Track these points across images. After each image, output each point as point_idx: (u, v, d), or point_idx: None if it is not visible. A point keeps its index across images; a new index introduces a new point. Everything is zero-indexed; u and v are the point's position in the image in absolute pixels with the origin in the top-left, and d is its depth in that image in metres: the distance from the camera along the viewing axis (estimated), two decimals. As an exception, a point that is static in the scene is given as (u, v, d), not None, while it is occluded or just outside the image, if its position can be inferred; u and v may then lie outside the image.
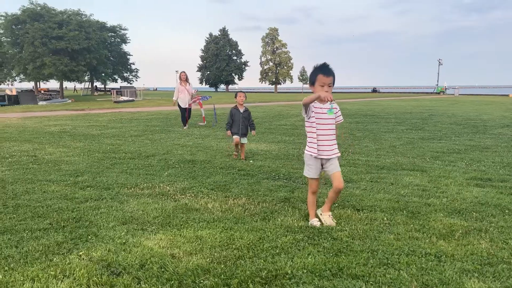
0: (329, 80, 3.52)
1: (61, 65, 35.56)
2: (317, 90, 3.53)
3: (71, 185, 5.27)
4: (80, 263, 2.90)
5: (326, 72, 3.52)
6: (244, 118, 7.02)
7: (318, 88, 3.53)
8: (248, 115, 7.13)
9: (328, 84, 3.53)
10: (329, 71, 3.54)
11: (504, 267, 2.87)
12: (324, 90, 3.50)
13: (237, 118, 6.99)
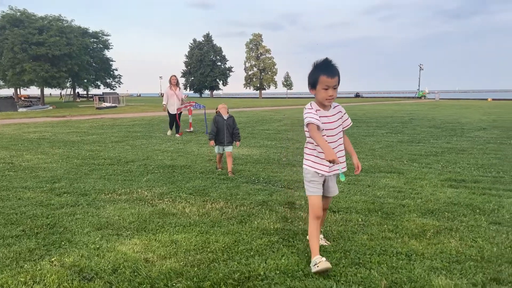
0: (334, 81, 2.87)
1: (42, 71, 35.06)
2: (320, 95, 2.91)
3: (47, 191, 5.20)
4: (51, 269, 2.87)
5: (330, 72, 2.86)
6: (228, 125, 6.43)
7: (321, 92, 2.89)
8: (233, 122, 6.50)
9: (333, 86, 2.88)
10: (334, 70, 2.88)
11: (471, 264, 2.95)
12: (328, 95, 2.87)
13: (221, 125, 6.38)
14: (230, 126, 6.45)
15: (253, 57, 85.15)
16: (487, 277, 2.75)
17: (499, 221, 3.94)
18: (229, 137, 6.45)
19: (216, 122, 6.39)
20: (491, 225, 3.83)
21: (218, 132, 6.39)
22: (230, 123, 6.46)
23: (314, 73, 2.92)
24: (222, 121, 6.39)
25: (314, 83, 2.92)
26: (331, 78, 2.84)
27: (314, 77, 2.91)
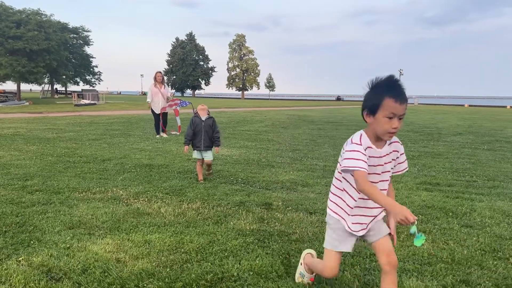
0: (403, 109, 2.04)
1: (19, 66, 34.14)
2: (380, 125, 2.06)
3: (18, 189, 5.06)
4: (17, 269, 2.78)
5: (399, 95, 2.03)
6: (207, 127, 5.77)
7: (383, 122, 2.05)
8: (213, 123, 5.82)
9: (400, 115, 2.04)
10: (403, 93, 2.05)
11: (442, 266, 3.00)
12: (392, 126, 2.04)
13: (199, 127, 5.73)
14: (210, 128, 5.79)
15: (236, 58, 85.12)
16: (456, 279, 2.80)
17: (471, 224, 4.02)
18: (207, 140, 5.76)
19: (193, 124, 5.74)
20: (462, 228, 3.90)
21: (195, 135, 5.76)
22: (209, 125, 5.78)
23: (375, 93, 2.08)
24: (199, 123, 5.76)
25: (373, 107, 2.07)
26: (400, 104, 2.01)
27: (375, 100, 2.06)
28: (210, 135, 5.78)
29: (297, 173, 6.42)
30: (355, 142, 2.12)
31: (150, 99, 11.52)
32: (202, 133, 5.74)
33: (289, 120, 18.57)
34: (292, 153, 8.55)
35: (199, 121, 5.77)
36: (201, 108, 5.86)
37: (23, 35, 33.72)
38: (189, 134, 5.74)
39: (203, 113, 5.82)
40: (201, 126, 5.74)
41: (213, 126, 5.82)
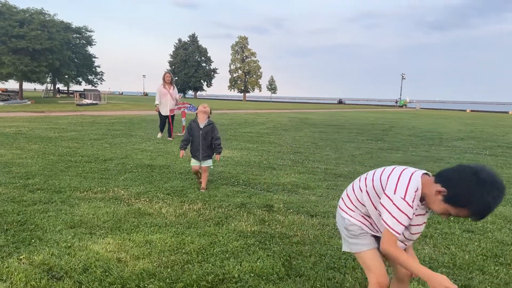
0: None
1: (21, 65, 34.20)
2: (441, 208, 1.84)
3: (20, 187, 5.06)
4: (19, 267, 2.78)
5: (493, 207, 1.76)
6: (204, 135, 5.20)
7: (445, 210, 1.83)
8: (212, 130, 5.23)
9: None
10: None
11: (443, 271, 2.99)
12: (448, 215, 1.87)
13: (196, 134, 5.22)
14: (208, 135, 5.22)
15: (238, 60, 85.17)
16: (458, 284, 2.79)
17: (472, 229, 4.01)
18: (206, 149, 5.24)
19: (190, 129, 5.28)
20: (464, 233, 3.90)
21: (192, 141, 5.30)
22: (207, 132, 5.20)
23: (475, 193, 1.72)
24: (197, 130, 5.20)
25: (459, 202, 1.78)
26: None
27: (468, 198, 1.74)
28: (209, 143, 5.24)
29: (298, 175, 6.42)
30: (408, 201, 1.83)
31: (158, 101, 10.94)
32: (200, 142, 5.19)
33: (291, 123, 18.58)
34: (293, 155, 8.55)
35: (196, 128, 5.21)
36: (202, 111, 5.23)
37: (26, 34, 33.79)
38: (186, 139, 5.25)
39: (203, 118, 5.23)
40: (198, 134, 5.19)
41: (213, 133, 5.23)
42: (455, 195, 1.78)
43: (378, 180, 1.99)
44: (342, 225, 2.20)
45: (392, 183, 1.90)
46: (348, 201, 2.20)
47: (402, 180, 1.89)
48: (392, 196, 1.86)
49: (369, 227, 2.14)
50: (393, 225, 1.85)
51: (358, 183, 2.15)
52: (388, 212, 1.86)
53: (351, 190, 2.19)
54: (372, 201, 2.04)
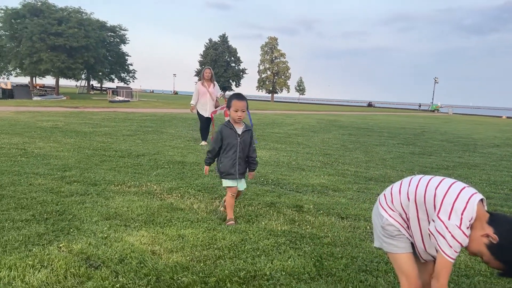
0: None
1: (58, 62, 35.45)
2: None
3: (58, 179, 5.25)
4: (59, 255, 2.89)
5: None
6: (243, 145, 3.85)
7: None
8: (250, 138, 3.92)
9: None
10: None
11: (480, 279, 2.91)
12: None
13: (231, 144, 3.82)
14: (246, 146, 3.87)
15: (268, 60, 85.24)
16: (496, 293, 2.71)
17: (510, 238, 3.87)
18: (243, 165, 3.90)
19: (224, 138, 3.82)
20: (501, 242, 3.76)
21: (225, 153, 3.84)
22: (245, 141, 3.85)
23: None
24: (233, 137, 3.79)
25: (500, 255, 1.79)
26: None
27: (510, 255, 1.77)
28: (245, 155, 3.90)
29: (327, 177, 6.37)
30: (463, 230, 1.78)
31: (194, 101, 9.47)
32: (237, 154, 3.80)
33: (319, 124, 18.45)
34: (322, 157, 8.49)
35: (233, 135, 3.79)
36: (237, 108, 3.71)
37: (64, 32, 34.99)
38: (214, 150, 3.89)
39: (238, 123, 3.83)
40: (235, 142, 3.79)
41: (251, 143, 3.92)
42: (501, 247, 1.74)
43: (432, 196, 1.91)
44: (379, 223, 2.15)
45: (447, 204, 1.83)
46: (390, 200, 2.14)
47: (458, 203, 1.81)
48: (447, 222, 1.80)
49: (407, 230, 2.09)
50: (450, 253, 1.79)
51: (407, 188, 2.07)
52: (444, 238, 1.79)
53: (397, 190, 2.13)
54: (419, 213, 1.99)
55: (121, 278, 2.61)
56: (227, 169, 3.82)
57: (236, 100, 3.72)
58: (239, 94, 3.85)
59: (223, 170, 3.84)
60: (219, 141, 3.85)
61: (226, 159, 3.82)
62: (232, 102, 3.72)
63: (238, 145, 3.80)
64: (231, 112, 3.75)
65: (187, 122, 15.43)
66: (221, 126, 3.86)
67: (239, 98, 3.75)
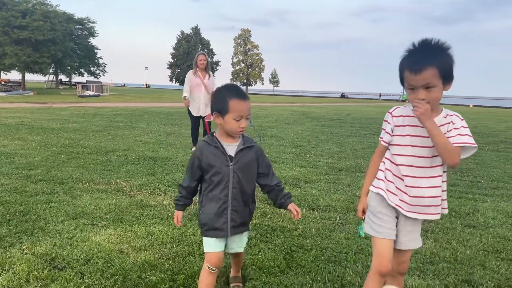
0: (416, 80, 1.84)
1: (24, 56, 34.22)
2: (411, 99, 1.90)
3: (22, 178, 5.07)
4: (21, 257, 2.80)
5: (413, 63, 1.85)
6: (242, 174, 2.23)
7: (412, 97, 1.89)
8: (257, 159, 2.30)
9: (425, 85, 1.83)
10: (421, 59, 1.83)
11: (444, 265, 2.99)
12: (417, 98, 1.85)
13: (221, 172, 2.20)
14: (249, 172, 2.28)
15: (241, 52, 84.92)
16: (459, 278, 2.80)
17: (474, 224, 4.01)
18: (241, 211, 2.28)
19: (204, 164, 2.22)
20: (465, 228, 3.90)
21: (207, 192, 2.25)
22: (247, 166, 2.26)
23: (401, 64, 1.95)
24: (221, 162, 2.20)
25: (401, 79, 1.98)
26: (415, 74, 1.84)
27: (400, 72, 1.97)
28: (250, 191, 2.30)
29: (300, 169, 6.42)
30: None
31: (187, 93, 7.64)
32: (230, 192, 2.22)
33: (293, 116, 18.55)
34: (295, 149, 8.54)
35: (221, 159, 2.21)
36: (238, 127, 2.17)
37: (29, 25, 33.75)
38: (189, 187, 2.32)
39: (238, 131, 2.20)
40: (225, 172, 2.20)
41: (260, 166, 2.33)
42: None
43: None
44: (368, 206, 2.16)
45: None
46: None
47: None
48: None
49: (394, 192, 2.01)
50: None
51: None
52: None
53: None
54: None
55: (87, 279, 2.55)
56: (210, 220, 2.21)
57: (237, 100, 2.12)
58: (238, 90, 2.19)
59: (204, 220, 2.23)
60: (196, 169, 2.22)
61: (209, 202, 2.21)
62: (230, 104, 2.11)
63: (231, 176, 2.17)
64: (228, 121, 2.12)
65: (159, 116, 15.21)
66: (199, 144, 2.25)
67: (241, 96, 2.14)
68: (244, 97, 2.16)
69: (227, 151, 2.19)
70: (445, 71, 1.83)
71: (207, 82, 7.63)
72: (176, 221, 2.36)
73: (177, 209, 2.36)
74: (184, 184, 2.31)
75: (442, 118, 1.92)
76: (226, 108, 2.12)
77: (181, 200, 2.34)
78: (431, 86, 1.82)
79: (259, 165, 2.30)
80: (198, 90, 7.63)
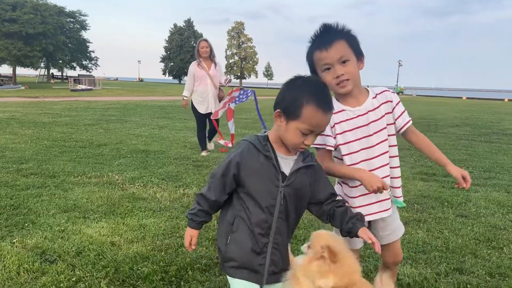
0: (329, 55, 1.73)
1: (14, 50, 33.87)
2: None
3: (13, 172, 5.02)
4: (12, 250, 2.77)
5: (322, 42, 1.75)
6: (295, 198, 1.61)
7: (329, 77, 1.77)
8: (314, 178, 1.68)
9: (339, 59, 1.73)
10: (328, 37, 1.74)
11: (436, 254, 3.01)
12: (336, 74, 1.74)
13: (268, 192, 1.57)
14: (301, 199, 1.65)
15: (235, 45, 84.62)
16: (450, 267, 2.81)
17: (466, 214, 4.03)
18: (285, 254, 1.66)
19: (243, 174, 1.58)
20: (457, 217, 3.92)
21: (242, 213, 1.59)
22: (301, 188, 1.63)
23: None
24: (270, 179, 1.58)
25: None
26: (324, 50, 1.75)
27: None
28: (295, 224, 1.71)
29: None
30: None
31: (188, 92, 6.59)
32: (275, 221, 1.59)
33: (287, 109, 18.51)
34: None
35: (271, 175, 1.58)
36: (302, 142, 1.58)
37: (19, 18, 33.36)
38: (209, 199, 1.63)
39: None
40: (274, 193, 1.58)
41: (318, 191, 1.69)
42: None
43: None
44: None
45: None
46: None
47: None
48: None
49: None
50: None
51: None
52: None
53: None
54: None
55: (78, 271, 2.53)
56: (244, 256, 1.60)
57: (317, 109, 1.52)
58: (323, 95, 1.58)
59: (234, 255, 1.61)
60: (230, 180, 1.59)
61: (243, 229, 1.60)
62: (305, 111, 1.52)
63: (279, 201, 1.59)
64: (292, 131, 1.56)
65: (152, 110, 15.14)
66: (242, 146, 1.63)
67: (324, 107, 1.55)
68: (327, 109, 1.54)
69: (281, 166, 1.59)
70: (354, 43, 1.76)
71: (214, 73, 6.57)
72: (187, 243, 1.68)
73: (191, 226, 1.67)
74: (209, 196, 1.60)
75: (373, 100, 1.86)
76: (297, 113, 1.52)
77: (200, 215, 1.64)
78: (346, 59, 1.73)
79: (317, 191, 1.67)
80: (204, 83, 6.53)
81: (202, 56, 6.56)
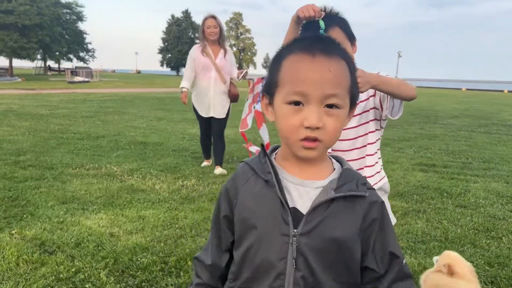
0: None
1: (10, 41, 33.64)
2: None
3: (11, 164, 4.99)
4: (11, 242, 2.76)
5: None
6: (317, 255, 0.89)
7: None
8: (379, 236, 0.92)
9: None
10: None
11: (435, 244, 3.01)
12: None
13: (275, 247, 0.89)
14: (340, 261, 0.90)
15: (233, 37, 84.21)
16: (450, 257, 2.81)
17: (465, 204, 4.04)
18: None
19: (235, 220, 0.98)
20: (457, 208, 3.92)
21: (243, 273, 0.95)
22: (339, 239, 0.88)
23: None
24: (270, 213, 0.90)
25: None
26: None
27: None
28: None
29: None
30: None
31: (188, 82, 4.95)
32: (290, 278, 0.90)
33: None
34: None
35: (275, 212, 0.90)
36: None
37: (15, 9, 33.08)
38: (214, 266, 1.05)
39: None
40: (282, 251, 0.89)
41: (371, 250, 0.92)
42: None
43: None
44: None
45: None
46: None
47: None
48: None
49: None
50: None
51: None
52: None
53: None
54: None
55: (77, 262, 2.53)
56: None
57: (298, 57, 0.90)
58: (312, 39, 0.94)
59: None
60: (223, 227, 1.02)
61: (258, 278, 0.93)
62: (284, 67, 0.91)
63: (290, 261, 0.89)
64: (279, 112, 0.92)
65: (150, 102, 15.09)
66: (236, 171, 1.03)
67: (308, 50, 0.89)
68: (316, 50, 0.88)
69: (292, 198, 0.92)
70: (347, 28, 1.72)
71: (222, 63, 4.86)
72: None
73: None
74: (204, 259, 1.08)
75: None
76: (276, 79, 0.92)
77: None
78: None
79: (370, 248, 0.93)
80: (207, 76, 4.85)
81: (208, 39, 4.80)
